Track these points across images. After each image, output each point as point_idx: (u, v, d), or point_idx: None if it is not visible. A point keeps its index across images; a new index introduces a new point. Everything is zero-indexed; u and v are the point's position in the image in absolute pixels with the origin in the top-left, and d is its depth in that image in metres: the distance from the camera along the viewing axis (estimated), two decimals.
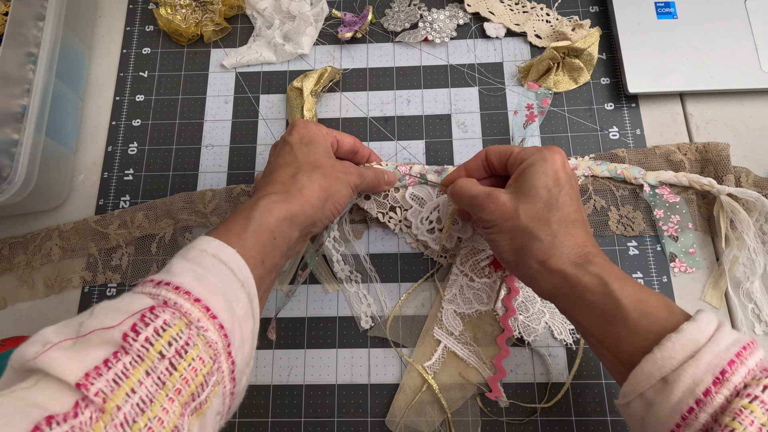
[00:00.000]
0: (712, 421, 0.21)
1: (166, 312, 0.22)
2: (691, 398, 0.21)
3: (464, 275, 0.39)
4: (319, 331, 0.40)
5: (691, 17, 0.44)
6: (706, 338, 0.22)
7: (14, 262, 0.42)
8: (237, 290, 0.25)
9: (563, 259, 0.27)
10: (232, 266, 0.25)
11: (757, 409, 0.19)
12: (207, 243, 0.26)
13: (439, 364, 0.38)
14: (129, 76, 0.48)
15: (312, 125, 0.35)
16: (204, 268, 0.25)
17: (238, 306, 0.25)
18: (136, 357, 0.21)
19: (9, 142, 0.37)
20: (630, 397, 0.24)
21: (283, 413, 0.38)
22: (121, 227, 0.42)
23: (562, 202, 0.29)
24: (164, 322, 0.22)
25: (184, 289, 0.23)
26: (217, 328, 0.23)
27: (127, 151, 0.46)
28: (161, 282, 0.24)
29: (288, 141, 0.33)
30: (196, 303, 0.23)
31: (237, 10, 0.49)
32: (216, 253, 0.25)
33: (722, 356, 0.21)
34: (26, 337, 0.38)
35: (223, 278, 0.25)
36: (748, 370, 0.21)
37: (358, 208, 0.41)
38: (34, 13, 0.40)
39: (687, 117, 0.44)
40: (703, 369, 0.21)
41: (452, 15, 0.48)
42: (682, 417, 0.21)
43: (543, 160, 0.30)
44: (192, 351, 0.22)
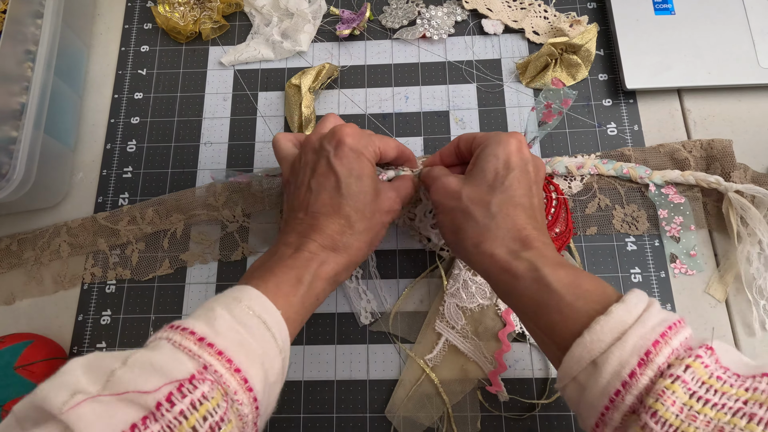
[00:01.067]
0: (638, 403, 0.21)
1: (205, 384, 0.21)
2: (618, 381, 0.21)
3: (467, 270, 0.39)
4: (318, 327, 0.40)
5: (689, 13, 0.44)
6: (633, 319, 0.22)
7: (23, 257, 0.42)
8: (274, 357, 0.25)
9: (497, 243, 0.27)
10: (274, 331, 0.25)
11: (679, 389, 0.19)
12: (255, 300, 0.25)
13: (440, 357, 0.38)
14: (127, 73, 0.48)
15: (362, 146, 0.30)
16: (248, 331, 0.24)
17: (272, 373, 0.25)
18: (166, 427, 0.20)
19: (8, 139, 0.37)
20: (565, 381, 0.24)
21: (282, 409, 0.38)
22: (130, 223, 0.42)
23: (508, 185, 0.29)
24: (203, 394, 0.21)
25: (227, 356, 0.23)
26: (251, 401, 0.23)
27: (125, 148, 0.46)
28: (204, 340, 0.23)
29: (335, 170, 0.30)
30: (236, 374, 0.22)
31: (235, 7, 0.49)
32: (261, 315, 0.25)
33: (647, 337, 0.21)
34: (26, 335, 0.38)
35: (264, 344, 0.25)
36: (672, 350, 0.21)
37: None
38: (32, 10, 0.40)
39: (685, 113, 0.44)
40: (629, 351, 0.21)
41: (450, 12, 0.48)
42: (610, 400, 0.21)
43: (497, 143, 0.30)
44: (225, 427, 0.21)
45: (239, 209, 0.42)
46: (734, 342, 0.38)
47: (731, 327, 0.38)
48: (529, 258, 0.26)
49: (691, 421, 0.19)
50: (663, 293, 0.39)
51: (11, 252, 0.42)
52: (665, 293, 0.39)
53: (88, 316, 0.41)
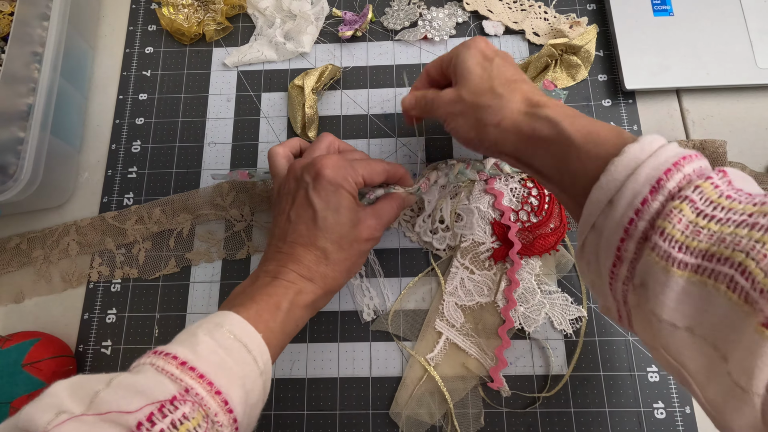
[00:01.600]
0: (650, 228, 0.21)
1: (186, 404, 0.22)
2: (631, 210, 0.21)
3: (465, 268, 0.40)
4: (321, 325, 0.40)
5: (687, 14, 0.45)
6: (647, 155, 0.22)
7: (32, 256, 0.43)
8: (255, 379, 0.26)
9: (514, 114, 0.28)
10: (255, 354, 0.26)
11: (686, 207, 0.19)
12: (236, 325, 0.26)
13: (442, 355, 0.38)
14: (132, 75, 0.49)
15: (341, 176, 0.31)
16: (229, 354, 0.25)
17: (253, 395, 0.26)
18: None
19: (15, 140, 0.38)
20: (584, 233, 0.24)
21: (286, 406, 0.38)
22: (138, 223, 0.43)
23: (497, 71, 0.30)
24: (183, 415, 0.22)
25: (208, 379, 0.24)
26: (230, 422, 0.24)
27: (130, 149, 0.46)
28: (185, 363, 0.24)
29: (312, 204, 0.31)
30: (216, 396, 0.23)
31: (238, 9, 0.50)
32: (242, 339, 0.26)
33: (660, 167, 0.21)
34: (32, 333, 0.38)
35: (245, 367, 0.25)
36: (683, 175, 0.20)
37: None
38: (39, 13, 0.41)
39: (683, 113, 0.44)
40: (641, 182, 0.21)
41: (451, 13, 0.48)
42: (624, 230, 0.21)
43: (466, 47, 0.32)
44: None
45: (247, 208, 0.43)
46: None
47: None
48: (547, 115, 0.27)
49: (695, 236, 0.19)
50: None
51: (21, 251, 0.43)
52: None
53: (94, 315, 0.41)
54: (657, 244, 0.20)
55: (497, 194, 0.41)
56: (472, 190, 0.41)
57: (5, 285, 0.42)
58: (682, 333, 0.20)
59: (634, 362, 0.38)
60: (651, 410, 0.36)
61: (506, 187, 0.41)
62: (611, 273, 0.23)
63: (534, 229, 0.40)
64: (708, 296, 0.19)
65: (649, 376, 0.37)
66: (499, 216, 0.41)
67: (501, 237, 0.40)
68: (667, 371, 0.22)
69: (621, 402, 0.37)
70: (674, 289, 0.19)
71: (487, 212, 0.41)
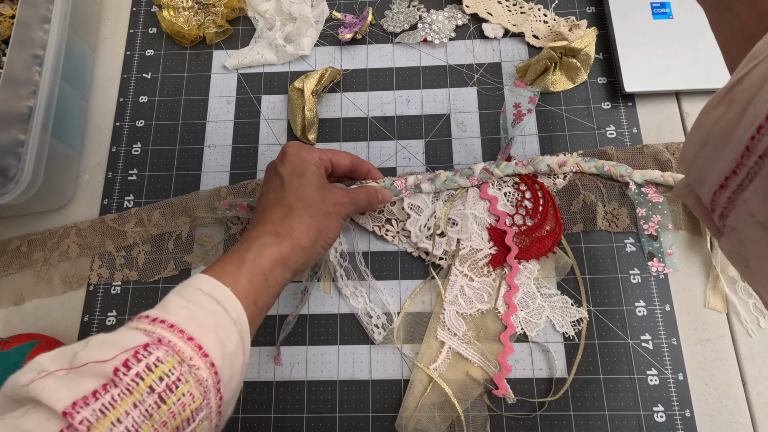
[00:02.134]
0: None
1: (159, 349, 0.23)
2: None
3: (464, 275, 0.40)
4: (320, 328, 0.40)
5: (687, 17, 0.45)
6: None
7: (32, 258, 0.43)
8: (229, 328, 0.27)
9: None
10: (225, 305, 0.27)
11: None
12: (203, 281, 0.27)
13: (445, 365, 0.38)
14: (132, 77, 0.49)
15: (304, 151, 0.35)
16: (198, 307, 0.26)
17: (229, 343, 0.26)
18: (125, 390, 0.22)
19: (16, 142, 0.38)
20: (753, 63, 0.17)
21: (286, 409, 0.38)
22: (137, 225, 0.43)
23: None
24: (157, 358, 0.23)
25: (179, 327, 0.25)
26: (208, 366, 0.24)
27: (130, 151, 0.46)
28: (156, 319, 0.25)
29: (279, 173, 0.34)
30: (189, 341, 0.24)
31: (239, 12, 0.50)
32: (210, 292, 0.27)
33: None
34: (32, 335, 0.38)
35: (216, 317, 0.26)
36: None
37: None
38: (40, 15, 0.41)
39: (683, 115, 0.44)
40: None
41: (451, 16, 0.48)
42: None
43: None
44: (183, 387, 0.23)
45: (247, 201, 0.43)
46: (732, 341, 0.38)
47: (729, 328, 0.38)
48: None
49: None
50: (661, 293, 0.39)
51: (21, 253, 0.43)
52: (663, 293, 0.39)
53: (94, 317, 0.41)
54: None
55: (492, 199, 0.41)
56: (467, 197, 0.41)
57: (5, 287, 0.43)
58: None
59: (634, 365, 0.38)
60: (651, 413, 0.36)
61: (500, 191, 0.41)
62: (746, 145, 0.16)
63: (530, 232, 0.40)
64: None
65: (649, 380, 0.37)
66: (495, 221, 0.41)
67: (498, 242, 0.40)
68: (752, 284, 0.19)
69: (621, 405, 0.37)
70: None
71: (482, 218, 0.41)
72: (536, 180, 0.41)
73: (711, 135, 0.19)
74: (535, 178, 0.42)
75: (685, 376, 0.37)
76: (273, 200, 0.33)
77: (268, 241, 0.31)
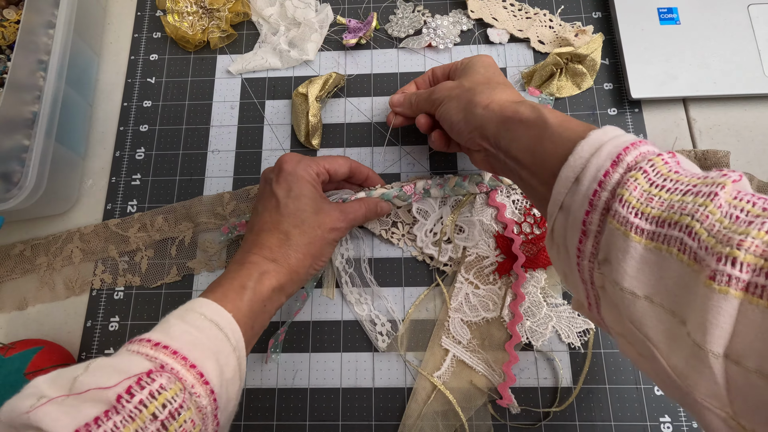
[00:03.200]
0: (611, 197, 0.23)
1: (162, 377, 0.23)
2: (595, 183, 0.23)
3: (469, 283, 0.39)
4: (323, 335, 0.40)
5: (694, 23, 0.44)
6: (609, 137, 0.24)
7: (36, 263, 0.43)
8: (229, 354, 0.27)
9: (502, 100, 0.32)
10: (226, 332, 0.27)
11: (641, 177, 0.22)
12: (206, 306, 0.28)
13: (449, 373, 0.38)
14: (137, 82, 0.49)
15: (301, 169, 0.35)
16: (201, 332, 0.26)
17: (228, 369, 0.27)
18: (128, 416, 0.22)
19: (20, 147, 0.38)
20: (554, 215, 0.26)
21: (288, 416, 0.38)
22: (140, 230, 0.43)
23: (497, 79, 0.35)
24: (161, 386, 0.23)
25: (182, 354, 0.25)
26: (208, 393, 0.25)
27: (134, 156, 0.46)
28: (159, 344, 0.25)
29: (275, 194, 0.34)
30: (191, 369, 0.25)
31: (243, 17, 0.50)
32: (213, 318, 0.27)
33: (620, 145, 0.23)
34: (35, 341, 0.38)
35: (217, 343, 0.27)
36: (639, 152, 0.23)
37: None
38: (44, 21, 0.41)
39: (690, 122, 0.44)
40: (603, 157, 0.23)
41: (456, 21, 0.48)
42: (589, 203, 0.23)
43: (477, 57, 0.37)
44: (185, 414, 0.23)
45: (247, 218, 0.43)
46: None
47: None
48: (530, 103, 0.30)
49: (648, 202, 0.21)
50: None
51: (25, 258, 0.43)
52: None
53: (97, 323, 0.41)
54: (617, 211, 0.22)
55: (500, 207, 0.40)
56: (475, 203, 0.41)
57: (9, 292, 0.43)
58: (642, 302, 0.21)
59: (641, 375, 0.37)
60: (657, 424, 0.36)
61: (508, 199, 0.41)
62: (578, 250, 0.24)
63: (537, 241, 0.39)
64: (663, 262, 0.20)
65: (656, 390, 0.37)
66: (502, 229, 0.40)
67: (505, 250, 0.40)
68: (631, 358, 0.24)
69: (627, 416, 0.36)
70: (634, 257, 0.21)
71: (490, 225, 0.40)
72: None
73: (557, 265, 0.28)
74: None
75: None
76: (269, 223, 0.34)
77: (267, 269, 0.32)
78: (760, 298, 0.17)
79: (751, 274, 0.17)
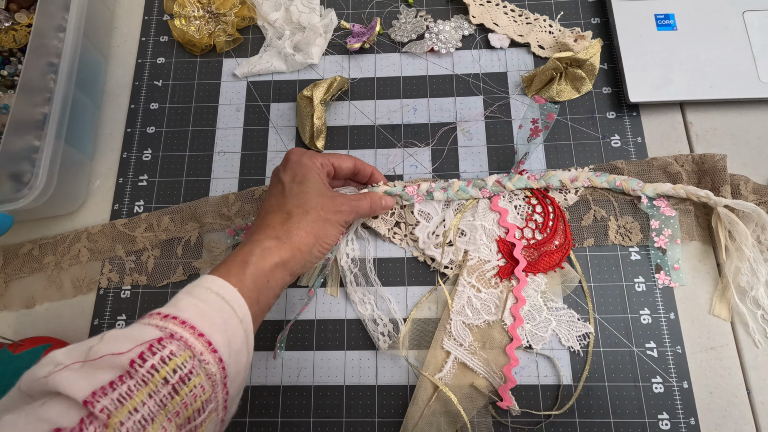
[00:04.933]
0: None
1: (173, 343, 0.24)
2: None
3: (471, 286, 0.40)
4: (327, 333, 0.40)
5: (691, 29, 0.45)
6: None
7: (44, 262, 0.43)
8: (236, 326, 0.28)
9: None
10: (232, 304, 0.28)
11: None
12: (211, 281, 0.29)
13: (451, 375, 0.38)
14: (144, 84, 0.49)
15: (306, 158, 0.36)
16: (208, 305, 0.27)
17: (235, 341, 0.27)
18: (141, 381, 0.23)
19: (30, 148, 0.38)
20: None
21: (293, 413, 0.39)
22: (147, 230, 0.44)
23: None
24: (171, 352, 0.24)
25: (190, 324, 0.26)
26: (216, 361, 0.25)
27: (141, 157, 0.47)
28: (168, 315, 0.26)
29: (281, 180, 0.36)
30: (200, 337, 0.25)
31: (249, 21, 0.50)
32: (219, 291, 0.28)
33: None
34: (44, 338, 0.39)
35: (224, 315, 0.27)
36: None
37: None
38: (55, 24, 0.42)
39: (687, 126, 0.45)
40: None
41: (457, 26, 0.49)
42: None
43: None
44: (195, 379, 0.24)
45: (252, 218, 0.43)
46: (737, 350, 0.38)
47: (734, 337, 0.39)
48: None
49: None
50: (666, 302, 0.39)
51: (33, 257, 0.44)
52: (668, 303, 0.39)
53: (104, 321, 0.42)
54: None
55: (502, 211, 0.41)
56: (477, 208, 0.42)
57: (17, 290, 0.43)
58: None
59: (639, 373, 0.38)
60: (656, 421, 0.37)
61: (510, 204, 0.42)
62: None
63: (539, 246, 0.40)
64: None
65: (654, 387, 0.37)
66: (504, 233, 0.41)
67: (506, 254, 0.40)
68: None
69: (626, 413, 0.37)
70: None
71: (492, 229, 0.41)
72: (547, 195, 0.42)
73: None
74: (546, 193, 0.42)
75: (690, 384, 0.37)
76: (274, 205, 0.35)
77: (269, 245, 0.32)
78: None
79: None
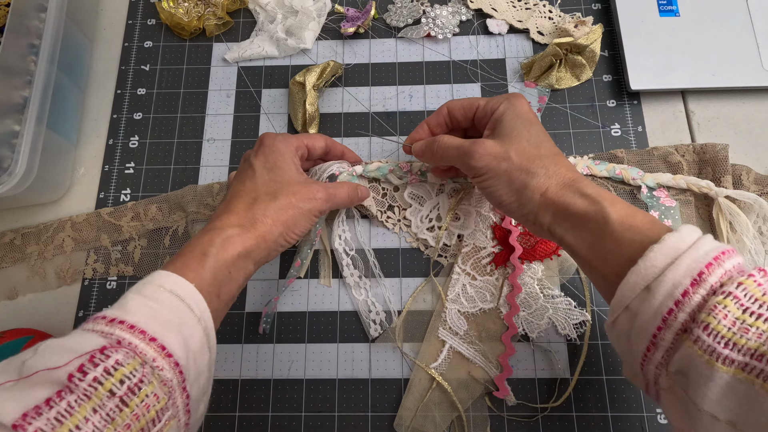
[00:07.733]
0: (690, 320, 0.21)
1: (119, 352, 0.22)
2: (671, 300, 0.22)
3: (466, 274, 0.39)
4: (320, 326, 0.39)
5: (694, 15, 0.44)
6: (686, 246, 0.22)
7: (26, 252, 0.42)
8: (193, 326, 0.26)
9: (559, 186, 0.30)
10: (188, 302, 0.26)
11: (731, 304, 0.20)
12: (164, 278, 0.26)
13: (446, 365, 0.37)
14: (131, 69, 0.48)
15: (280, 142, 0.34)
16: (160, 304, 0.25)
17: (193, 341, 0.25)
18: (83, 395, 0.21)
19: (10, 133, 0.37)
20: (617, 313, 0.25)
21: (284, 407, 0.38)
22: (134, 219, 0.42)
23: (541, 138, 0.32)
24: (116, 361, 0.22)
25: (139, 328, 0.24)
26: (172, 366, 0.24)
27: (128, 144, 0.45)
28: (115, 319, 0.24)
29: (252, 164, 0.34)
30: (151, 342, 0.23)
31: (239, 4, 0.49)
32: (173, 289, 0.26)
33: (701, 260, 0.22)
34: (25, 330, 0.38)
35: (179, 314, 0.25)
36: (724, 271, 0.21)
37: None
38: (36, 4, 0.40)
39: (689, 114, 0.44)
40: (682, 273, 0.22)
41: (455, 11, 0.48)
42: (662, 319, 0.22)
43: (512, 106, 0.33)
44: (146, 388, 0.22)
45: None
46: None
47: None
48: (590, 193, 0.28)
49: (744, 333, 0.19)
50: None
51: (15, 246, 0.42)
52: None
53: (89, 312, 0.41)
54: (700, 338, 0.20)
55: None
56: (473, 194, 0.41)
57: None
58: (722, 426, 0.20)
59: None
60: (654, 415, 0.36)
61: None
62: (644, 356, 0.23)
63: None
64: (755, 395, 0.19)
65: None
66: (499, 220, 0.40)
67: (502, 241, 0.40)
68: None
69: (624, 406, 0.36)
70: (718, 384, 0.20)
71: (488, 216, 0.40)
72: None
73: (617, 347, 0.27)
74: None
75: None
76: (241, 191, 0.32)
77: (231, 234, 0.30)
78: None
79: None
